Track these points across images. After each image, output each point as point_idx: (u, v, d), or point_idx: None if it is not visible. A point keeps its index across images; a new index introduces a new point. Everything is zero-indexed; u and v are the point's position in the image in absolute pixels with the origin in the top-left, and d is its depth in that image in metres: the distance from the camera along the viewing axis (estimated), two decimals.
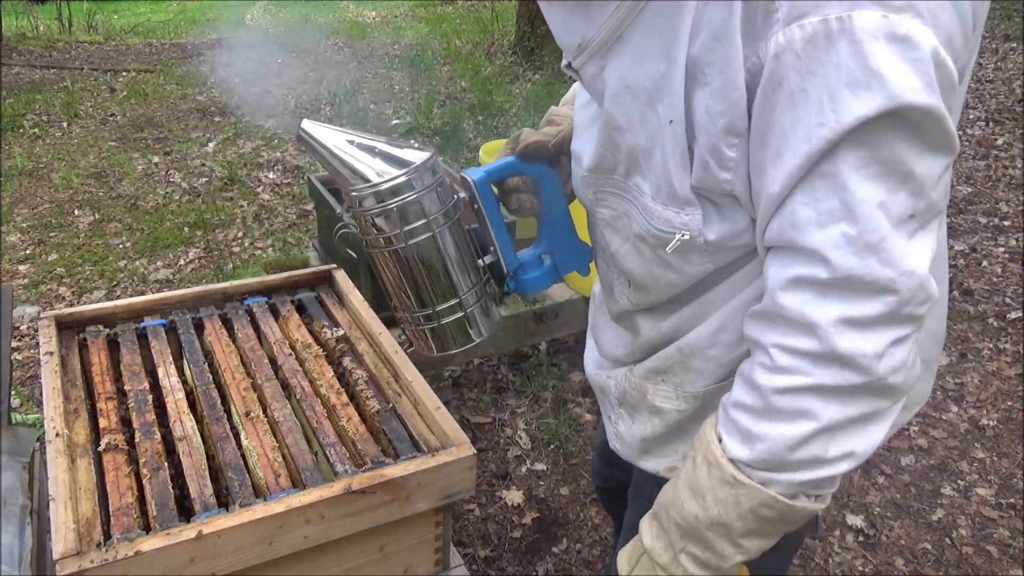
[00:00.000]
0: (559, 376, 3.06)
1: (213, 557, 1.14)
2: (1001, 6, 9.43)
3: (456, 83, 6.97)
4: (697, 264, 0.95)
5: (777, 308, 0.83)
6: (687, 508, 0.92)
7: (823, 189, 0.77)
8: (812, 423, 0.83)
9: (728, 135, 0.83)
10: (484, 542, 2.36)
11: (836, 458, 0.84)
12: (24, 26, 8.99)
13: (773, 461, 0.86)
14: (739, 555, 0.92)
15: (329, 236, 2.72)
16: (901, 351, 0.81)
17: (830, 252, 0.77)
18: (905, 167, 0.76)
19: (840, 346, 0.79)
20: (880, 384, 0.81)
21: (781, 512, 0.88)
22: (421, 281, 0.98)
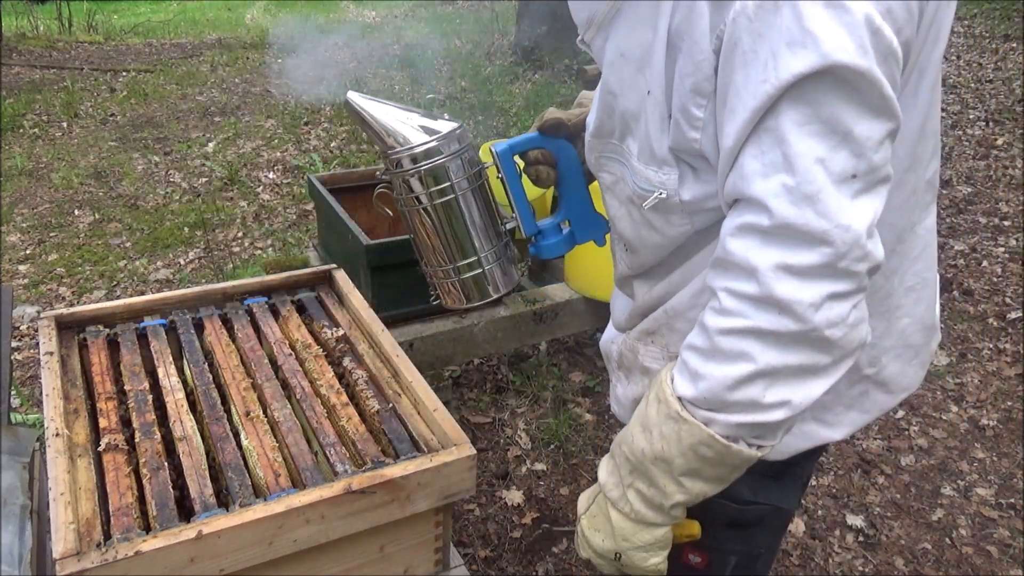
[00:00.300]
0: (559, 376, 3.06)
1: (213, 557, 1.14)
2: (1001, 6, 9.43)
3: (456, 83, 6.97)
4: (677, 225, 1.00)
5: (726, 254, 0.88)
6: (636, 443, 0.99)
7: (768, 142, 0.83)
8: (750, 365, 0.87)
9: (695, 95, 0.89)
10: (484, 542, 2.36)
11: (772, 404, 0.88)
12: (24, 26, 9.00)
13: (713, 400, 0.90)
14: (680, 494, 0.97)
15: (329, 236, 2.72)
16: (839, 306, 0.84)
17: (771, 201, 0.83)
18: (844, 127, 0.81)
19: (777, 291, 0.84)
20: (816, 335, 0.85)
21: (719, 453, 0.92)
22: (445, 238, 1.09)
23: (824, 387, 0.89)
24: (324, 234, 2.83)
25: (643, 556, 1.06)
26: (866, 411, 1.14)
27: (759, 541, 1.22)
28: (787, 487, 1.17)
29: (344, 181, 2.81)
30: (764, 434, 0.92)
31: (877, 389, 1.13)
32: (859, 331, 0.88)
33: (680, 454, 0.94)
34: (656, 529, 1.03)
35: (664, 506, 1.00)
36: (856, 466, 2.69)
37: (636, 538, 1.04)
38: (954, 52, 7.98)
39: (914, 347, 1.14)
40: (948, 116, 6.18)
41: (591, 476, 2.62)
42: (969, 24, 9.15)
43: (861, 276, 0.84)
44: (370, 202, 2.88)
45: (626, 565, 1.08)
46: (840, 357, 0.88)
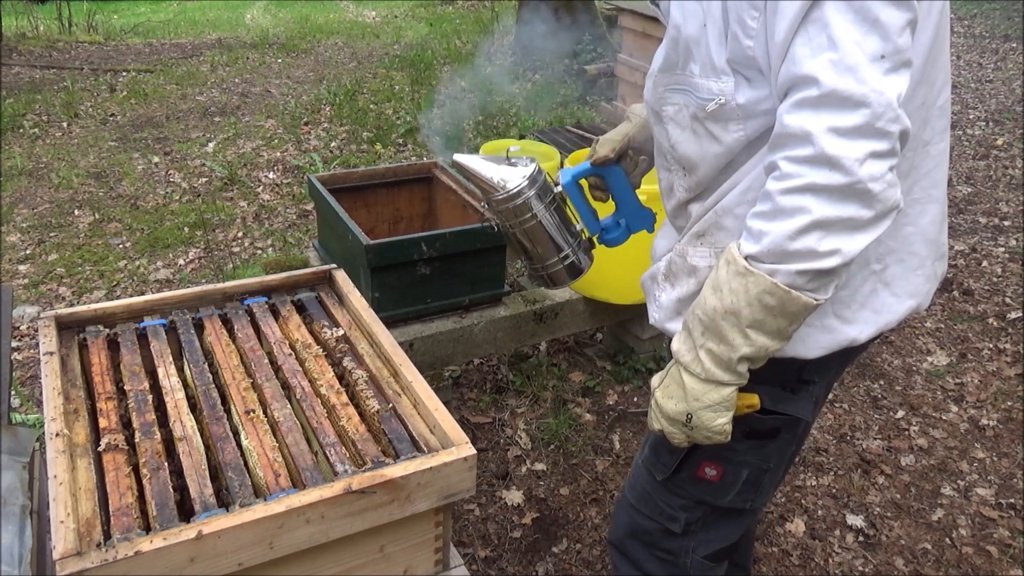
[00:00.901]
0: (559, 376, 3.06)
1: (213, 557, 1.14)
2: (1001, 6, 9.43)
3: (456, 83, 6.97)
4: (733, 131, 1.17)
5: (784, 128, 1.03)
6: (708, 302, 1.13)
7: (814, 30, 1.01)
8: (807, 217, 1.02)
9: (750, 8, 1.07)
10: (484, 542, 2.36)
11: (826, 252, 1.03)
12: (24, 26, 9.00)
13: (777, 251, 1.05)
14: (747, 347, 1.12)
15: (329, 236, 2.72)
16: (880, 163, 1.00)
17: (820, 73, 0.99)
18: (872, 14, 0.99)
19: (829, 149, 0.99)
20: (861, 187, 1.00)
21: (781, 300, 1.07)
22: (538, 244, 1.46)
23: (867, 240, 1.04)
24: (324, 234, 2.83)
25: (712, 416, 1.18)
26: (877, 311, 1.27)
27: (770, 454, 1.36)
28: (801, 400, 1.31)
29: (344, 181, 2.81)
30: (820, 285, 1.07)
31: (884, 289, 1.27)
32: (895, 191, 1.03)
33: (747, 304, 1.08)
34: (724, 388, 1.16)
35: (732, 360, 1.13)
36: (856, 466, 2.69)
37: (706, 397, 1.17)
38: (954, 52, 7.98)
39: (917, 256, 1.28)
40: None
41: (591, 476, 2.62)
42: (969, 24, 9.15)
43: (894, 137, 1.00)
44: (370, 202, 2.89)
45: (696, 427, 1.20)
46: (881, 212, 1.03)
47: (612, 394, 2.98)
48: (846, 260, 1.04)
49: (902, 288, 1.28)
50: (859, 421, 2.91)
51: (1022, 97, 6.51)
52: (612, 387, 3.02)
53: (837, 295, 1.22)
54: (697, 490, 1.39)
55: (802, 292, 1.06)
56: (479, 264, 2.52)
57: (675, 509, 1.43)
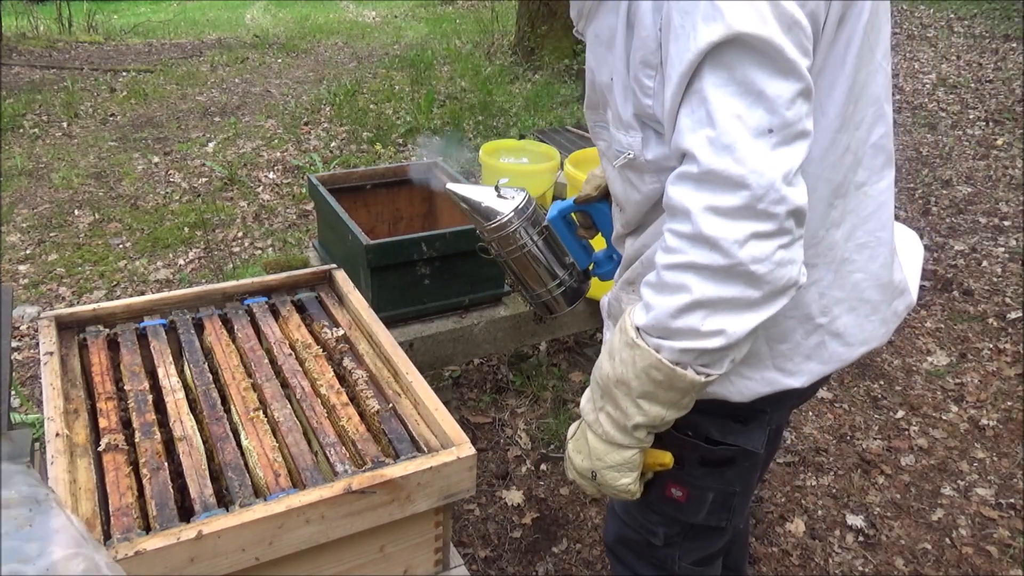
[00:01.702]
0: (559, 376, 3.06)
1: (213, 557, 1.14)
2: (1001, 6, 9.43)
3: (456, 83, 6.97)
4: (649, 183, 1.14)
5: (668, 199, 1.01)
6: (603, 368, 1.12)
7: (695, 102, 0.96)
8: (688, 295, 0.99)
9: (644, 67, 1.03)
10: (484, 542, 2.36)
11: (709, 332, 0.99)
12: (24, 26, 9.00)
13: (659, 327, 1.03)
14: (639, 416, 1.10)
15: (329, 236, 2.72)
16: (764, 244, 0.95)
17: (698, 151, 0.95)
18: (757, 87, 0.93)
19: (706, 229, 0.95)
20: (743, 269, 0.96)
21: (667, 376, 1.04)
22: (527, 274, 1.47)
23: (757, 320, 0.99)
24: (324, 234, 2.83)
25: (615, 475, 1.18)
26: (825, 362, 1.23)
27: (732, 479, 1.33)
28: (752, 431, 1.28)
29: (344, 181, 2.81)
30: (709, 362, 1.03)
31: (833, 340, 1.22)
32: (787, 270, 0.98)
33: (635, 376, 1.07)
34: (625, 451, 1.16)
35: (627, 427, 1.12)
36: (856, 466, 2.69)
37: (608, 458, 1.17)
38: (954, 52, 7.98)
39: (870, 303, 1.23)
40: (948, 116, 6.18)
41: None
42: (969, 24, 9.15)
43: (781, 218, 0.95)
44: (370, 202, 2.89)
45: (601, 484, 1.21)
46: (770, 293, 0.98)
47: None
48: (732, 341, 0.99)
49: (855, 337, 1.24)
50: (859, 421, 2.91)
51: (1022, 97, 6.51)
52: None
53: (777, 349, 1.19)
54: (669, 509, 1.38)
55: (689, 369, 1.03)
56: (479, 264, 2.51)
57: (654, 524, 1.44)
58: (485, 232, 1.45)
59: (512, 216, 1.41)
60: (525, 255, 1.44)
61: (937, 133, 5.84)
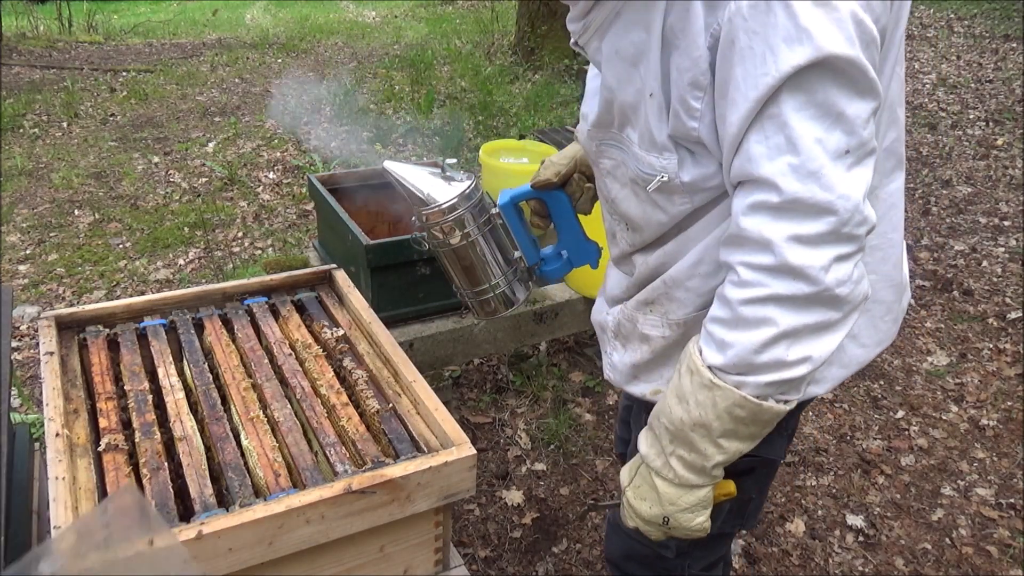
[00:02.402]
0: (559, 376, 3.06)
1: (213, 557, 1.14)
2: (1001, 6, 9.43)
3: (456, 83, 6.97)
4: (679, 204, 1.11)
5: (740, 231, 0.97)
6: (674, 413, 1.07)
7: (771, 128, 0.92)
8: (773, 329, 0.96)
9: (693, 88, 0.99)
10: (484, 542, 2.36)
11: (796, 361, 0.98)
12: (24, 26, 8.99)
13: (742, 364, 0.99)
14: (720, 455, 1.07)
15: (329, 236, 2.72)
16: (845, 266, 0.95)
17: (779, 179, 0.92)
18: (837, 109, 0.91)
19: (791, 259, 0.93)
20: (828, 294, 0.94)
21: (752, 412, 1.02)
22: (466, 270, 1.35)
23: (838, 340, 0.99)
24: (324, 234, 2.82)
25: (690, 517, 1.15)
26: (845, 366, 1.24)
27: (749, 487, 1.33)
28: (774, 440, 1.25)
29: (344, 181, 2.81)
30: (789, 390, 1.02)
31: (851, 342, 1.23)
32: (863, 286, 0.98)
33: (716, 418, 1.03)
34: (699, 491, 1.13)
35: (706, 468, 1.09)
36: (856, 466, 2.69)
37: (682, 501, 1.14)
38: (954, 52, 7.98)
39: (884, 303, 1.24)
40: (948, 116, 6.18)
41: (591, 476, 2.62)
42: (969, 24, 9.15)
43: (861, 238, 0.95)
44: (370, 202, 2.88)
45: (673, 528, 1.17)
46: (849, 312, 0.98)
47: (612, 394, 2.98)
48: (817, 365, 0.99)
49: (870, 338, 1.25)
50: (859, 421, 2.91)
51: (1022, 97, 6.51)
52: (612, 387, 3.02)
53: None
54: None
55: (773, 401, 1.02)
56: None
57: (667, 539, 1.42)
58: (424, 218, 1.30)
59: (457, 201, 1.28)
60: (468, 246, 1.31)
61: (937, 133, 5.84)
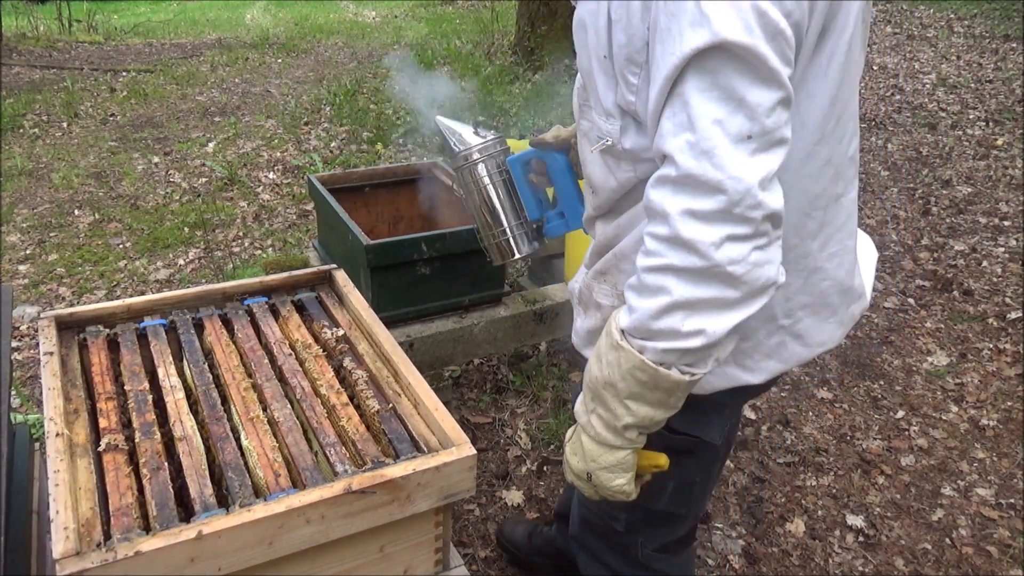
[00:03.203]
0: (559, 376, 3.06)
1: (213, 557, 1.14)
2: (1001, 6, 9.44)
3: (456, 83, 6.97)
4: (625, 171, 1.17)
5: (648, 202, 1.03)
6: (593, 371, 1.14)
7: (678, 105, 0.97)
8: (667, 297, 1.01)
9: (629, 64, 1.05)
10: (484, 542, 2.36)
11: (690, 333, 1.02)
12: (24, 26, 9.00)
13: (643, 329, 1.05)
14: (628, 416, 1.12)
15: (329, 236, 2.72)
16: (739, 247, 0.97)
17: (678, 155, 0.97)
18: (738, 94, 0.94)
19: (683, 232, 0.97)
20: (720, 271, 0.98)
21: (652, 377, 1.06)
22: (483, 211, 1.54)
23: (736, 319, 1.01)
24: (324, 234, 2.83)
25: (609, 476, 1.20)
26: (783, 361, 1.28)
27: (692, 469, 1.39)
28: (711, 423, 1.33)
29: (344, 181, 2.81)
30: (692, 361, 1.06)
31: (794, 341, 1.27)
32: (763, 271, 1.00)
33: (621, 378, 1.09)
34: (617, 452, 1.18)
35: (618, 428, 1.14)
36: (856, 466, 2.69)
37: (602, 459, 1.19)
38: (954, 52, 7.98)
39: (831, 307, 1.28)
40: (948, 116, 6.18)
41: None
42: (969, 24, 9.15)
43: (757, 221, 0.97)
44: (370, 202, 2.89)
45: (597, 486, 1.22)
46: (748, 293, 1.00)
47: None
48: (712, 340, 1.01)
49: (814, 339, 1.28)
50: (859, 421, 2.91)
51: (1022, 97, 6.51)
52: None
53: (739, 347, 1.21)
54: None
55: (673, 369, 1.05)
56: (479, 264, 2.51)
57: (616, 510, 1.47)
58: (453, 161, 1.56)
59: (475, 150, 1.51)
60: (485, 189, 1.52)
61: (937, 133, 5.84)
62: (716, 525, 2.42)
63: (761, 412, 2.94)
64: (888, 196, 4.82)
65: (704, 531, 2.40)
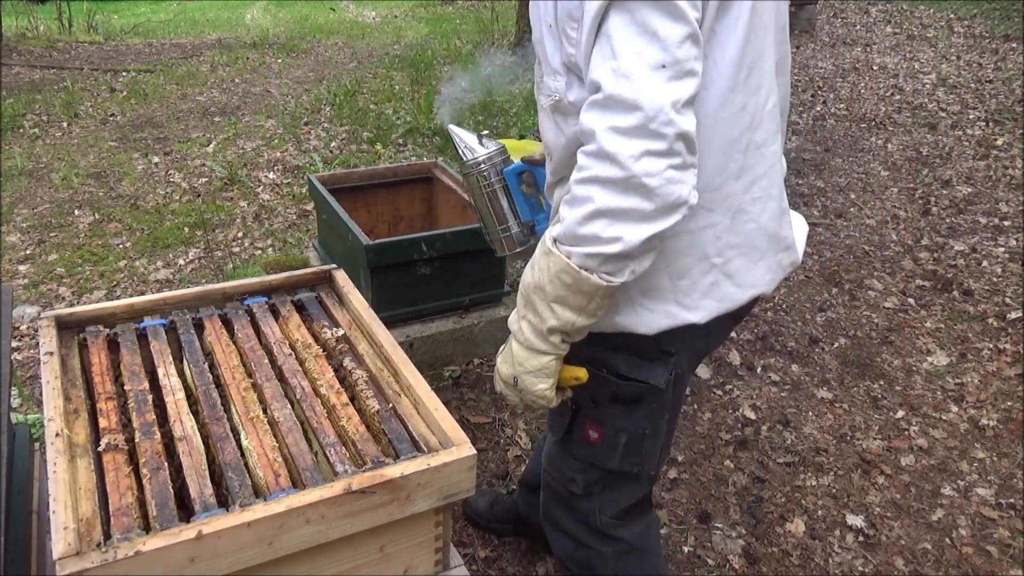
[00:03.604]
0: None
1: (213, 557, 1.14)
2: (1001, 6, 9.44)
3: (456, 83, 6.96)
4: (572, 125, 1.27)
5: (580, 125, 1.16)
6: (525, 277, 1.29)
7: (603, 41, 1.13)
8: (591, 205, 1.14)
9: (569, 20, 1.19)
10: (484, 542, 2.36)
11: (610, 239, 1.15)
12: (24, 26, 9.00)
13: (569, 235, 1.18)
14: (553, 319, 1.25)
15: (329, 236, 2.72)
16: (656, 161, 1.10)
17: (603, 80, 1.11)
18: (652, 28, 1.09)
19: (607, 146, 1.11)
20: (637, 182, 1.10)
21: (575, 279, 1.20)
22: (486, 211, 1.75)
23: (651, 231, 1.14)
24: (324, 234, 2.83)
25: (533, 380, 1.33)
26: (719, 300, 1.38)
27: (641, 420, 1.47)
28: (657, 368, 1.42)
29: (344, 181, 2.81)
30: (612, 269, 1.18)
31: (727, 280, 1.37)
32: (676, 187, 1.12)
33: (550, 281, 1.23)
34: (542, 356, 1.31)
35: (543, 331, 1.27)
36: (856, 466, 2.69)
37: (528, 363, 1.32)
38: (954, 52, 7.98)
39: (758, 250, 1.39)
40: (948, 116, 6.18)
41: None
42: (969, 24, 9.15)
43: (670, 138, 1.09)
44: (370, 202, 2.89)
45: (522, 390, 1.35)
46: (662, 206, 1.13)
47: None
48: (628, 247, 1.14)
49: (744, 279, 1.39)
50: (859, 421, 2.91)
51: (1022, 97, 6.51)
52: None
53: (677, 285, 1.35)
54: (586, 452, 1.53)
55: (593, 273, 1.19)
56: (479, 264, 2.51)
57: (573, 471, 1.58)
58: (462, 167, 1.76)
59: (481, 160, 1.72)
60: (487, 194, 1.74)
61: (937, 133, 5.84)
62: (716, 525, 2.42)
63: (761, 412, 2.94)
64: (888, 196, 4.82)
65: (704, 531, 2.40)
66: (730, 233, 1.34)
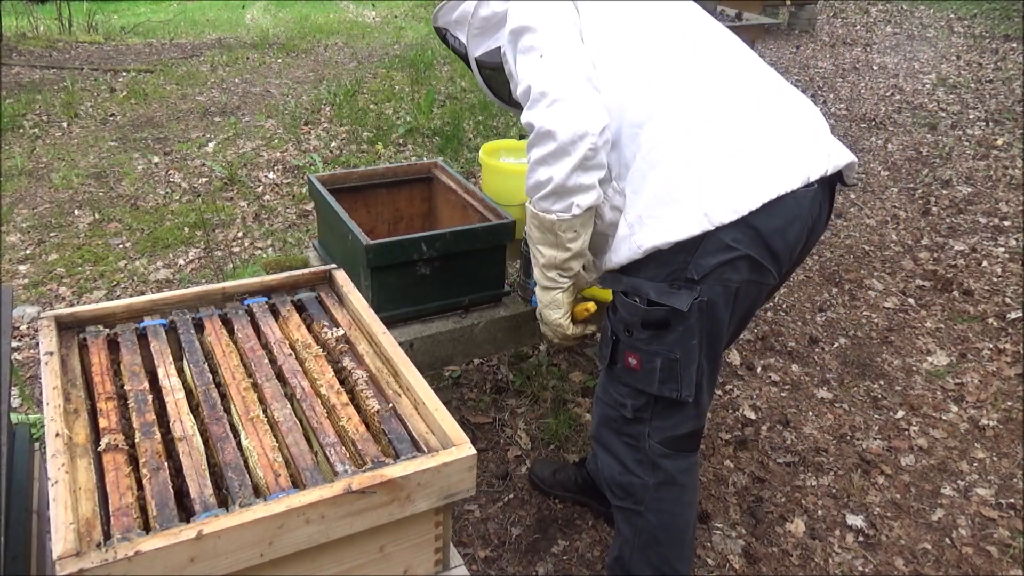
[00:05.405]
0: (559, 376, 3.06)
1: (213, 557, 1.14)
2: (1001, 6, 9.44)
3: (456, 83, 6.97)
4: None
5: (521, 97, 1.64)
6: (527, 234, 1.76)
7: None
8: (528, 163, 1.60)
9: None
10: (484, 542, 2.36)
11: (545, 181, 1.59)
12: (24, 26, 8.99)
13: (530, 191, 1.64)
14: (542, 257, 1.73)
15: (329, 236, 2.72)
16: (547, 112, 1.55)
17: None
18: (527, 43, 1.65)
19: (535, 120, 1.58)
20: (544, 130, 1.55)
21: (540, 221, 1.66)
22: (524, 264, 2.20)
23: (567, 166, 1.54)
24: (324, 234, 2.82)
25: (548, 312, 1.81)
26: (695, 214, 1.57)
27: (671, 344, 1.63)
28: (681, 295, 1.59)
29: (344, 181, 2.81)
30: (558, 206, 1.61)
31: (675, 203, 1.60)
32: (570, 128, 1.52)
33: (531, 228, 1.70)
34: (551, 292, 1.78)
35: (541, 268, 1.74)
36: (856, 466, 2.69)
37: (543, 298, 1.80)
38: (954, 52, 7.98)
39: (668, 191, 1.59)
40: (948, 116, 6.18)
41: None
42: (969, 24, 9.15)
43: (553, 102, 1.55)
44: (370, 202, 2.88)
45: (545, 322, 1.84)
46: (563, 143, 1.53)
47: None
48: (560, 182, 1.55)
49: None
50: (859, 421, 2.91)
51: (1022, 97, 6.51)
52: None
53: (654, 213, 1.58)
54: (630, 378, 1.70)
55: (547, 213, 1.62)
56: (479, 264, 2.51)
57: (623, 396, 1.74)
58: None
59: None
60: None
61: (937, 133, 5.84)
62: (716, 525, 2.42)
63: (761, 412, 2.94)
64: (888, 196, 4.82)
65: (704, 531, 2.40)
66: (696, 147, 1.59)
